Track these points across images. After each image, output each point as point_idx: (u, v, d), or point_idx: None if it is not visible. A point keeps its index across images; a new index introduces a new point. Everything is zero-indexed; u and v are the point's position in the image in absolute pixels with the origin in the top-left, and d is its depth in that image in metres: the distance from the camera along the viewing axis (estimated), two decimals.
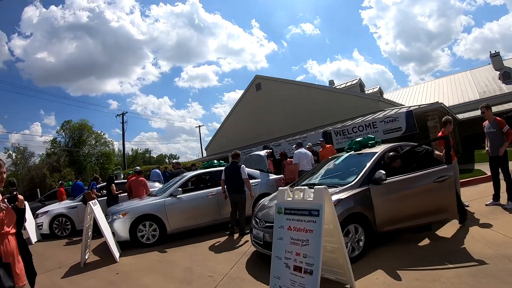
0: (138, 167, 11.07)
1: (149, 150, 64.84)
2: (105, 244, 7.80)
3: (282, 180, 9.31)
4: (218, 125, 31.97)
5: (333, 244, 3.91)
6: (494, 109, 18.46)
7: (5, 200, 2.83)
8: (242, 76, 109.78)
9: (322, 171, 6.49)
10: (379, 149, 5.89)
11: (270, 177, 9.18)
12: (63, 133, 46.49)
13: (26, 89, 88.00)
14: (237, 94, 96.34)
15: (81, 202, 10.12)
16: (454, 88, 28.21)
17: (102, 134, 49.74)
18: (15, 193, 3.04)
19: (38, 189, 24.11)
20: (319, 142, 10.80)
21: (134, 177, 9.74)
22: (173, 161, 16.47)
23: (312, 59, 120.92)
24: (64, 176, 36.05)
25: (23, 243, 3.04)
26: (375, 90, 27.08)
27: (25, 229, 9.62)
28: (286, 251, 3.80)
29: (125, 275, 5.67)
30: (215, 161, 9.62)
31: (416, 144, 6.03)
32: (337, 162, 6.17)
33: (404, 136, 12.59)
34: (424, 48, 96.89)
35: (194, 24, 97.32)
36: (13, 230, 2.90)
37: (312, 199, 3.81)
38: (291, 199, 4.11)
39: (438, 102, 15.18)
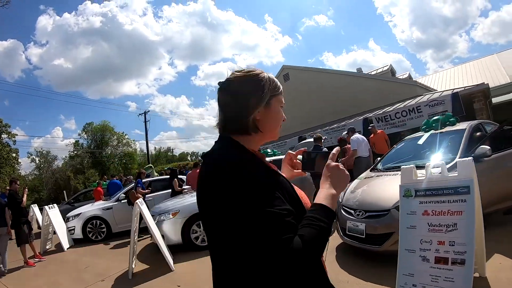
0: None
1: (171, 148, 63.91)
2: (150, 249, 6.90)
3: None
4: None
5: None
6: None
7: None
8: None
9: (402, 153, 5.89)
10: (464, 125, 5.36)
11: None
12: (85, 135, 46.66)
13: (45, 94, 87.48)
14: None
15: (117, 203, 9.40)
16: (483, 72, 26.25)
17: (124, 134, 49.55)
18: None
19: (64, 191, 23.52)
20: (369, 128, 10.55)
21: (192, 171, 9.27)
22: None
23: (327, 51, 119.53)
24: (88, 177, 36.40)
25: None
26: (405, 76, 25.82)
27: (55, 233, 8.80)
28: (422, 241, 3.06)
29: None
30: (269, 150, 8.77)
31: (502, 124, 5.76)
32: (420, 142, 5.40)
33: None
34: (441, 34, 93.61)
35: (207, 22, 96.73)
36: None
37: (457, 174, 3.09)
38: (423, 177, 3.25)
39: (484, 83, 14.13)
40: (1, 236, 6.74)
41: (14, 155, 33.28)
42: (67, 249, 8.56)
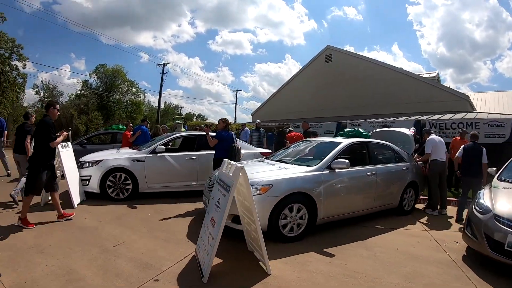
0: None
1: (180, 107, 61.90)
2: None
3: (423, 168, 7.63)
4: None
5: None
6: None
7: None
8: (277, 49, 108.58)
9: None
10: None
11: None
12: (95, 76, 45.31)
13: (60, 30, 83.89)
14: (268, 67, 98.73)
15: (151, 155, 7.42)
16: None
17: (135, 83, 48.23)
18: None
19: (70, 129, 21.44)
20: (460, 131, 9.53)
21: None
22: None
23: (350, 44, 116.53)
24: (92, 119, 36.60)
25: None
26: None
27: (63, 178, 6.52)
28: None
29: None
30: (361, 129, 7.35)
31: None
32: None
33: (505, 144, 11.39)
34: (466, 57, 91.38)
35: None
36: None
37: None
38: None
39: None
40: (19, 163, 6.95)
41: (21, 80, 31.40)
42: (77, 205, 6.41)
